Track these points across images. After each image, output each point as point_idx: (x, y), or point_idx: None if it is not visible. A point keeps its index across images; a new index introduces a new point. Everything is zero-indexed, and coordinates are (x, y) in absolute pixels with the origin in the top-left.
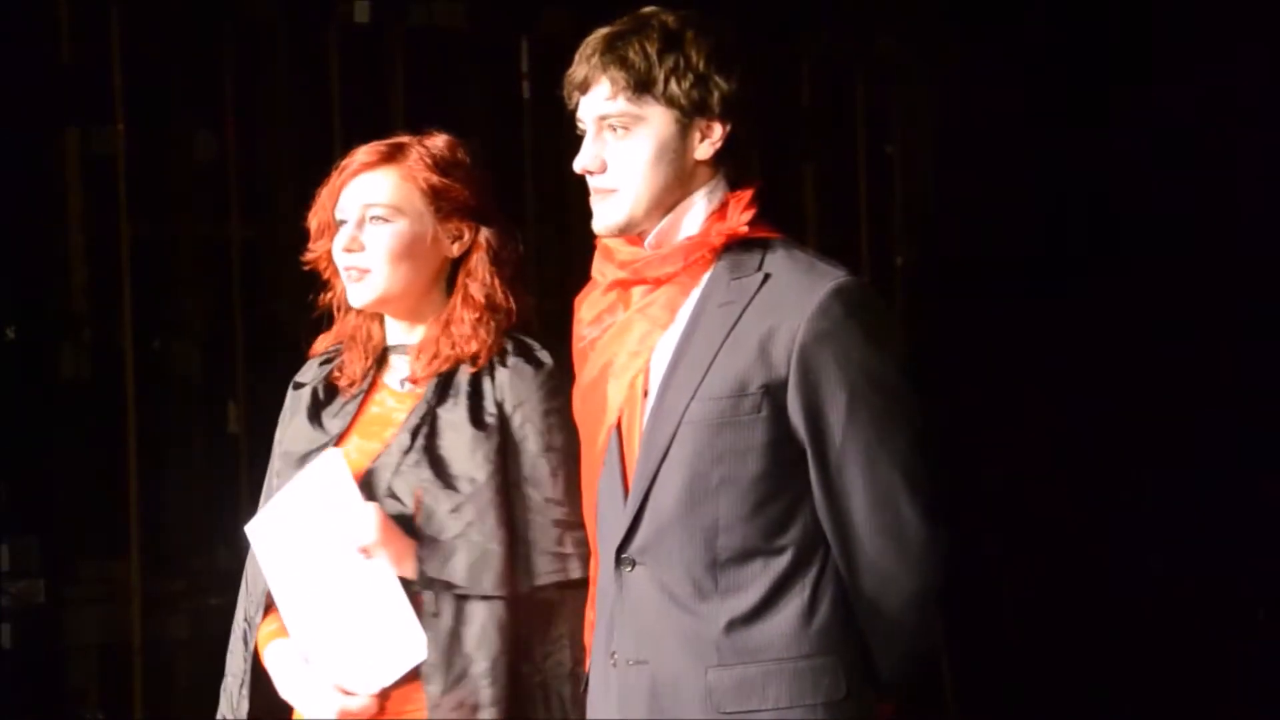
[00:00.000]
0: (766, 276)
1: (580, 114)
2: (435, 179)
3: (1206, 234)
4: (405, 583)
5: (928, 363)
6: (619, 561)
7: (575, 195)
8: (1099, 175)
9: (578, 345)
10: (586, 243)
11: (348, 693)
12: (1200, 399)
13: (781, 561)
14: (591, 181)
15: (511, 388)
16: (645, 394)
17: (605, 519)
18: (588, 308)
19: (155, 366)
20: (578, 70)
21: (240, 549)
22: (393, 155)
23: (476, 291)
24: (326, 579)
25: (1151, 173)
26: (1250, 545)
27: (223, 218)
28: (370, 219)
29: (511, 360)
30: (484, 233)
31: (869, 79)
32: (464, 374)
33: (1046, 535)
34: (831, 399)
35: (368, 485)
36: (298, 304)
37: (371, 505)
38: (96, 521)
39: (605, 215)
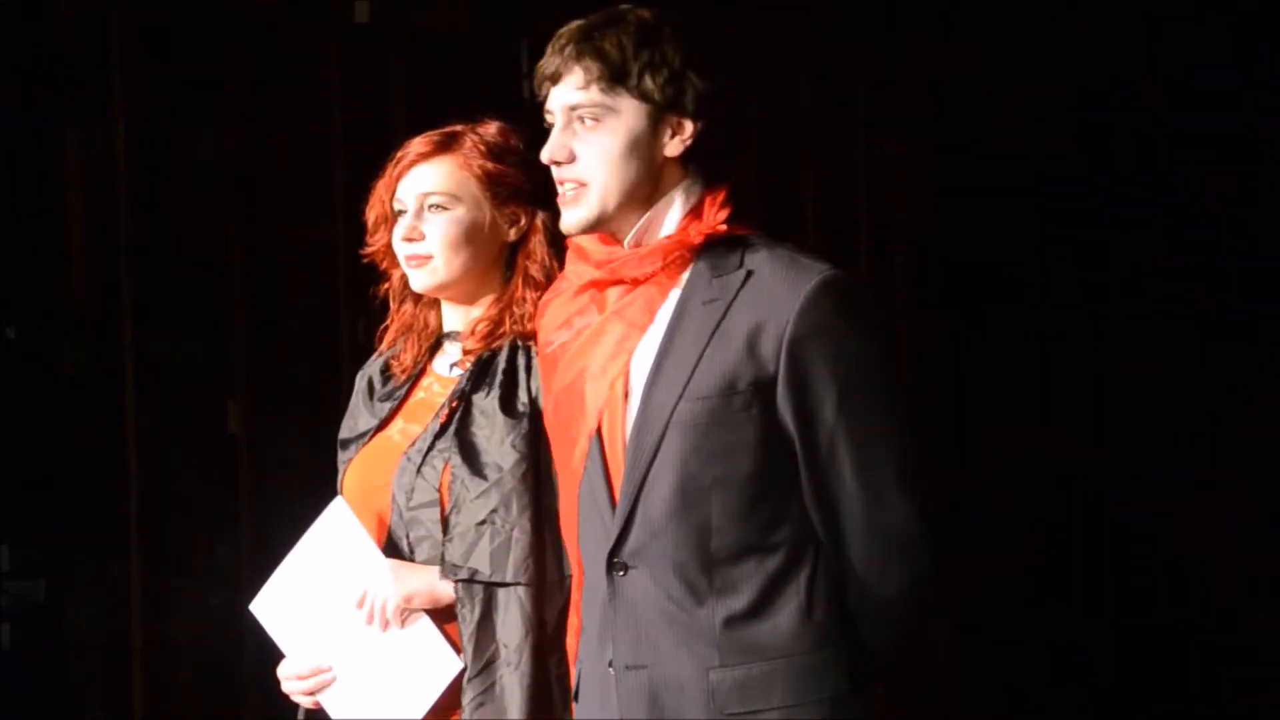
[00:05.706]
0: (749, 273)
1: (550, 105)
2: (490, 165)
3: (1206, 229)
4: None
5: (927, 362)
6: (611, 566)
7: None
8: (1099, 175)
9: (544, 351)
10: None
11: None
12: (1203, 395)
13: (776, 558)
14: (558, 173)
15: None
16: (626, 396)
17: (589, 525)
18: (554, 311)
19: (155, 366)
20: (550, 61)
21: (239, 549)
22: (447, 144)
23: (537, 272)
24: (352, 624)
25: (1152, 171)
26: (1249, 545)
27: (223, 218)
28: (429, 207)
29: None
30: (540, 215)
31: (869, 79)
32: (501, 361)
33: (1046, 533)
34: (822, 394)
35: (404, 470)
36: (298, 303)
37: (383, 564)
38: (96, 521)
39: (574, 213)
